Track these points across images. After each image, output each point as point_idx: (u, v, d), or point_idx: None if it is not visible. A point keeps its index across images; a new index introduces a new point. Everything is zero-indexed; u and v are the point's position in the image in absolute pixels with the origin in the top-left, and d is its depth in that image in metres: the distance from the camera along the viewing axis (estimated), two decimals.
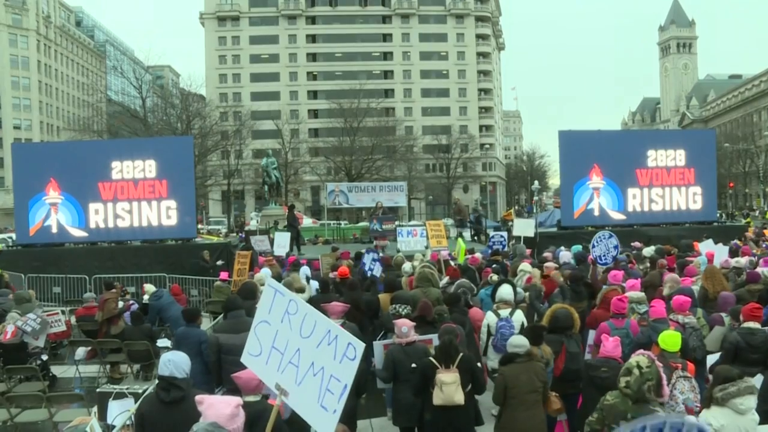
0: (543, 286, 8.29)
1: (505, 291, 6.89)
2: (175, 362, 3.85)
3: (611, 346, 4.80)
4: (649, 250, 11.39)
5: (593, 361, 5.02)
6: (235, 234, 31.99)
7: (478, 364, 5.77)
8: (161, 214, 15.66)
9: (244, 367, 3.66)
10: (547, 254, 10.93)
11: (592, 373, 4.79)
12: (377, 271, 9.72)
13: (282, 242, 15.10)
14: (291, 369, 3.20)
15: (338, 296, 7.77)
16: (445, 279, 8.76)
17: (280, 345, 3.31)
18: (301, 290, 8.47)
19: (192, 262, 14.87)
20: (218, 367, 5.87)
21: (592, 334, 6.23)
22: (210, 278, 13.83)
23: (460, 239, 13.18)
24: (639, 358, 3.79)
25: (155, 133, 40.56)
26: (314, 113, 79.58)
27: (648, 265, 10.12)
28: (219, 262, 14.56)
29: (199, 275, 14.31)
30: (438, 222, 15.37)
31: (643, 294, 6.88)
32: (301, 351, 3.17)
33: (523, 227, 15.31)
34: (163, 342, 8.19)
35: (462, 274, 9.01)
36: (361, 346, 2.98)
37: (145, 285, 10.30)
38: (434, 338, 5.88)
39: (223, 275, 12.14)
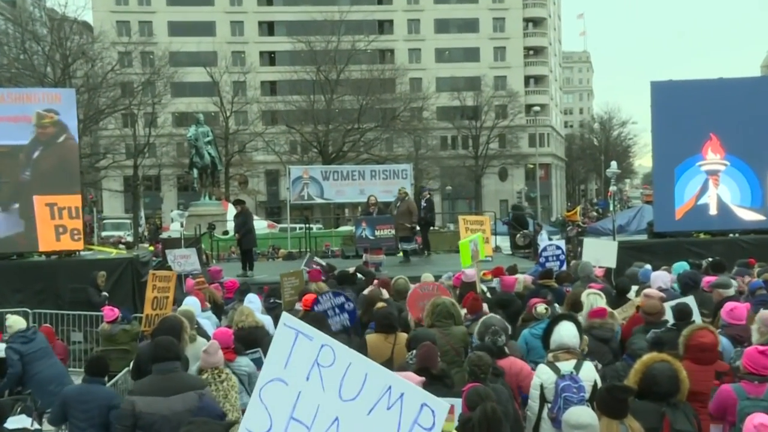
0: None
1: (567, 332, 6.77)
2: None
3: None
4: None
5: None
6: (147, 244, 32.05)
7: None
8: None
9: None
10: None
11: None
12: (344, 320, 9.57)
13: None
14: None
15: None
16: (462, 312, 8.71)
17: (304, 414, 3.36)
18: None
19: (75, 290, 14.79)
20: None
21: None
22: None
23: (479, 234, 13.04)
24: None
25: (6, 81, 40.05)
26: (270, 57, 79.82)
27: None
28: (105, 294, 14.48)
29: (85, 310, 14.25)
30: (481, 218, 15.10)
31: None
32: (340, 421, 3.25)
33: (598, 251, 13.80)
34: (18, 421, 7.82)
35: (503, 307, 9.01)
36: (442, 408, 3.04)
37: (8, 318, 10.12)
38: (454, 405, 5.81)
39: (109, 314, 11.60)
